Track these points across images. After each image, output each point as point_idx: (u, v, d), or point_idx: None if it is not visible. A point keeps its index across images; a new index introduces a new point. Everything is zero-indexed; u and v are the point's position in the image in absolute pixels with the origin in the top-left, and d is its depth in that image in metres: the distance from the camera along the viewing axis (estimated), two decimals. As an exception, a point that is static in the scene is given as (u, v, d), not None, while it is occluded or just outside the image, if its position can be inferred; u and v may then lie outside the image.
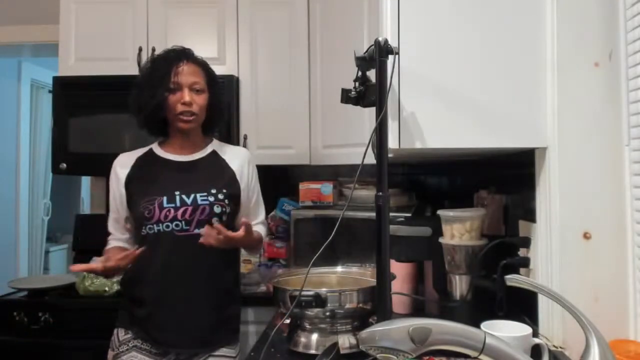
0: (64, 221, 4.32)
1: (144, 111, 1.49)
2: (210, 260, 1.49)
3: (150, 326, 1.47)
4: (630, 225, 1.12)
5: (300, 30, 2.36)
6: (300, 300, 1.14)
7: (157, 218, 1.46)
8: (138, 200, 1.48)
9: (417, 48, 1.17)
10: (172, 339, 1.47)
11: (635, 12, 1.10)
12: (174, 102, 1.47)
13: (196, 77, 1.50)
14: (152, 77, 1.49)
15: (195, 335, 1.48)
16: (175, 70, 1.47)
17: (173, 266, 1.47)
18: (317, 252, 1.05)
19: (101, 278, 2.08)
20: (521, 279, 0.93)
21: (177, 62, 1.49)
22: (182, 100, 1.47)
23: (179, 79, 1.47)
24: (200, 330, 1.49)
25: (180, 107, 1.47)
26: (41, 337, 2.00)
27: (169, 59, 1.50)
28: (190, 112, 1.48)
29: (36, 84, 4.05)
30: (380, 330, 0.68)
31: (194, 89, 1.49)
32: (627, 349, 1.01)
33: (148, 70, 1.52)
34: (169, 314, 1.46)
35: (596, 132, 1.15)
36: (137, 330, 1.49)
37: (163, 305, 1.47)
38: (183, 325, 1.47)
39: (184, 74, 1.48)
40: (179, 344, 1.48)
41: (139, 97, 1.50)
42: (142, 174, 1.53)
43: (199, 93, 1.50)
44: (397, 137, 1.16)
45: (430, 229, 1.49)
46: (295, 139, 2.36)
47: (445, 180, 2.35)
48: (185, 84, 1.48)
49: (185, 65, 1.49)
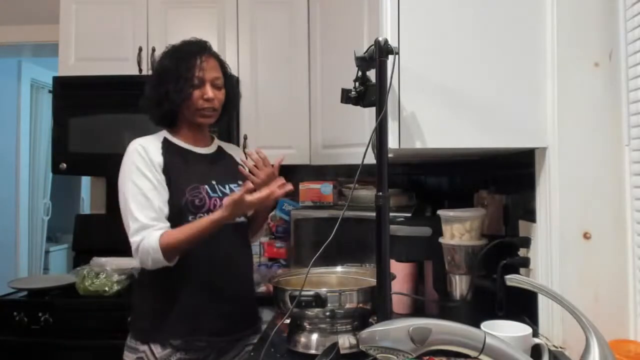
0: (64, 221, 4.32)
1: (165, 105, 1.45)
2: (246, 247, 1.58)
3: (199, 316, 1.43)
4: (630, 225, 1.12)
5: (300, 30, 2.36)
6: (300, 300, 1.14)
7: (208, 207, 1.44)
8: (181, 188, 1.43)
9: (417, 48, 1.17)
10: (219, 326, 1.46)
11: (635, 12, 1.10)
12: (197, 98, 1.45)
13: (217, 73, 1.50)
14: (176, 70, 1.44)
15: (238, 319, 1.51)
16: (200, 65, 1.45)
17: (220, 254, 1.47)
18: (317, 252, 1.05)
19: (101, 278, 2.08)
20: (521, 279, 0.93)
21: (200, 56, 1.47)
22: (205, 95, 1.45)
23: (203, 75, 1.45)
24: (241, 313, 1.52)
25: (203, 103, 1.46)
26: (41, 337, 2.00)
27: (192, 52, 1.47)
28: (212, 108, 1.48)
29: (36, 84, 4.05)
30: (380, 330, 0.68)
31: (215, 84, 1.48)
32: (627, 349, 1.01)
33: (170, 62, 1.47)
34: (217, 300, 1.45)
35: (596, 132, 1.15)
36: (178, 338, 1.41)
37: (212, 292, 1.45)
38: (230, 310, 1.48)
39: (208, 69, 1.47)
40: (224, 331, 1.48)
41: (159, 89, 1.45)
42: (175, 161, 1.47)
43: (219, 89, 1.50)
44: (397, 137, 1.16)
45: (430, 229, 1.49)
46: (295, 139, 2.36)
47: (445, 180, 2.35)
48: (208, 79, 1.46)
49: (208, 59, 1.48)
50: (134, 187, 1.39)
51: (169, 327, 1.41)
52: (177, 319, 1.42)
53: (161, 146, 1.48)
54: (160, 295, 1.45)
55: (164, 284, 1.44)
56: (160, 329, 1.41)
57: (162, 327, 1.41)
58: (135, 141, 1.46)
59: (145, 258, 1.36)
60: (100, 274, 2.10)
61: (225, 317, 1.47)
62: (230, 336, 1.50)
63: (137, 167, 1.41)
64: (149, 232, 1.36)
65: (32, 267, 4.06)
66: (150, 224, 1.37)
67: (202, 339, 1.44)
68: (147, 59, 2.35)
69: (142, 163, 1.41)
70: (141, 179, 1.40)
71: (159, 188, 1.41)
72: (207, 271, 1.45)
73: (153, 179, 1.41)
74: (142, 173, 1.40)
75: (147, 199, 1.38)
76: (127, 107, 2.25)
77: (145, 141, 1.47)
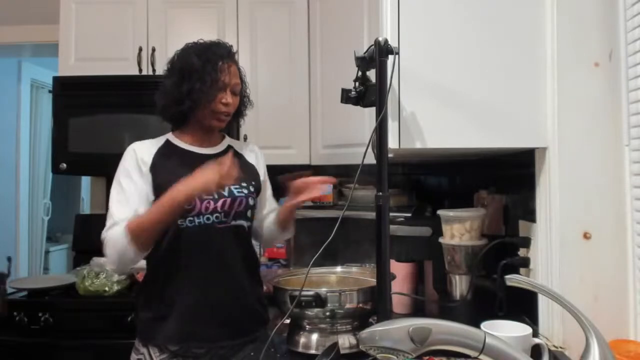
0: (64, 221, 4.32)
1: (186, 103, 1.42)
2: (245, 250, 1.51)
3: (194, 322, 1.41)
4: (630, 225, 1.12)
5: (300, 30, 2.36)
6: (300, 300, 1.14)
7: (197, 210, 1.42)
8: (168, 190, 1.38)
9: (417, 48, 1.17)
10: (216, 332, 1.43)
11: (635, 12, 1.10)
12: (217, 101, 1.44)
13: (237, 79, 1.49)
14: (203, 70, 1.41)
15: (237, 326, 1.47)
16: (227, 70, 1.44)
17: (214, 258, 1.44)
18: (317, 252, 1.05)
19: (101, 278, 2.08)
20: (521, 279, 0.93)
21: (227, 60, 1.45)
22: (223, 100, 1.44)
23: (226, 79, 1.44)
24: (241, 320, 1.48)
25: (221, 107, 1.45)
26: (41, 337, 1.99)
27: (220, 55, 1.45)
28: (227, 113, 1.47)
29: (36, 84, 4.05)
30: (380, 330, 0.68)
31: (234, 90, 1.48)
32: (627, 349, 1.01)
33: (196, 60, 1.43)
34: (213, 307, 1.43)
35: (596, 132, 1.15)
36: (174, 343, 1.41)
37: (207, 298, 1.43)
38: (227, 316, 1.45)
39: (231, 74, 1.45)
40: (222, 337, 1.44)
41: (180, 87, 1.42)
42: (169, 164, 1.45)
43: (236, 95, 1.49)
44: (397, 137, 1.16)
45: (430, 229, 1.49)
46: (295, 139, 2.36)
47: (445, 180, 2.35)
48: (229, 84, 1.45)
49: (231, 65, 1.47)
50: (118, 187, 1.40)
51: (165, 332, 1.41)
52: (173, 323, 1.41)
53: (157, 149, 1.47)
54: (158, 299, 1.44)
55: (162, 288, 1.43)
56: (157, 333, 1.41)
57: (160, 330, 1.41)
58: (132, 144, 1.47)
59: (111, 250, 1.32)
60: (100, 274, 2.10)
61: (223, 324, 1.44)
62: (230, 342, 1.46)
63: (125, 169, 1.42)
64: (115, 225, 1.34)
65: (32, 267, 4.06)
66: (123, 220, 1.34)
67: (201, 345, 1.42)
68: (147, 59, 2.35)
69: (131, 166, 1.42)
70: (126, 180, 1.41)
71: (142, 192, 1.40)
72: (203, 277, 1.43)
73: (138, 182, 1.41)
74: (129, 176, 1.41)
75: (127, 200, 1.39)
76: (127, 107, 2.26)
77: (140, 144, 1.47)
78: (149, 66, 2.34)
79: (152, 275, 1.47)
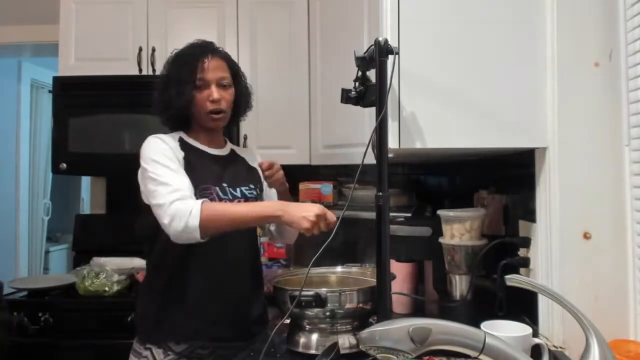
0: (64, 221, 4.32)
1: (170, 109, 1.44)
2: (254, 251, 1.55)
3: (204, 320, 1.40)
4: (630, 225, 1.12)
5: (300, 30, 2.36)
6: (300, 300, 1.14)
7: None
8: (194, 185, 1.37)
9: (417, 48, 1.17)
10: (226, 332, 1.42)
11: (635, 12, 1.10)
12: (203, 100, 1.43)
13: (223, 72, 1.46)
14: (178, 74, 1.43)
15: (245, 327, 1.47)
16: (202, 67, 1.42)
17: (228, 257, 1.44)
18: (317, 252, 1.05)
19: (101, 278, 2.08)
20: (521, 279, 0.93)
21: (203, 58, 1.44)
22: (210, 97, 1.43)
23: (205, 75, 1.42)
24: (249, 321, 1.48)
25: (209, 105, 1.43)
26: (41, 337, 1.99)
27: (194, 55, 1.45)
28: (218, 109, 1.45)
29: (36, 84, 4.05)
30: (380, 330, 0.68)
31: (221, 84, 1.45)
32: (627, 349, 1.01)
33: (173, 67, 1.46)
34: (224, 306, 1.42)
35: (596, 132, 1.15)
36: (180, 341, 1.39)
37: (218, 298, 1.42)
38: (237, 317, 1.45)
39: (210, 69, 1.43)
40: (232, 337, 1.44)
41: (164, 94, 1.44)
42: (192, 158, 1.44)
43: (227, 88, 1.47)
44: (397, 137, 1.16)
45: (430, 229, 1.49)
46: (295, 139, 2.36)
47: (445, 180, 2.35)
48: (213, 79, 1.43)
49: (211, 60, 1.44)
50: (160, 165, 1.34)
51: (171, 329, 1.39)
52: (179, 321, 1.39)
53: (179, 144, 1.45)
54: (163, 297, 1.42)
55: (167, 287, 1.42)
56: (162, 331, 1.40)
57: (165, 329, 1.40)
58: (155, 135, 1.43)
59: (178, 221, 1.24)
60: (100, 274, 2.10)
61: (231, 323, 1.43)
62: (239, 343, 1.45)
63: (161, 152, 1.37)
64: (187, 196, 1.29)
65: (32, 267, 4.06)
66: (186, 189, 1.30)
67: (206, 345, 1.41)
68: (147, 59, 2.35)
69: (167, 151, 1.38)
70: (165, 160, 1.36)
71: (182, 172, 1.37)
72: (216, 276, 1.42)
73: (177, 164, 1.37)
74: (168, 156, 1.37)
75: (176, 171, 1.35)
76: (127, 107, 2.26)
77: (163, 136, 1.44)
78: (149, 66, 2.34)
79: (159, 271, 1.43)
